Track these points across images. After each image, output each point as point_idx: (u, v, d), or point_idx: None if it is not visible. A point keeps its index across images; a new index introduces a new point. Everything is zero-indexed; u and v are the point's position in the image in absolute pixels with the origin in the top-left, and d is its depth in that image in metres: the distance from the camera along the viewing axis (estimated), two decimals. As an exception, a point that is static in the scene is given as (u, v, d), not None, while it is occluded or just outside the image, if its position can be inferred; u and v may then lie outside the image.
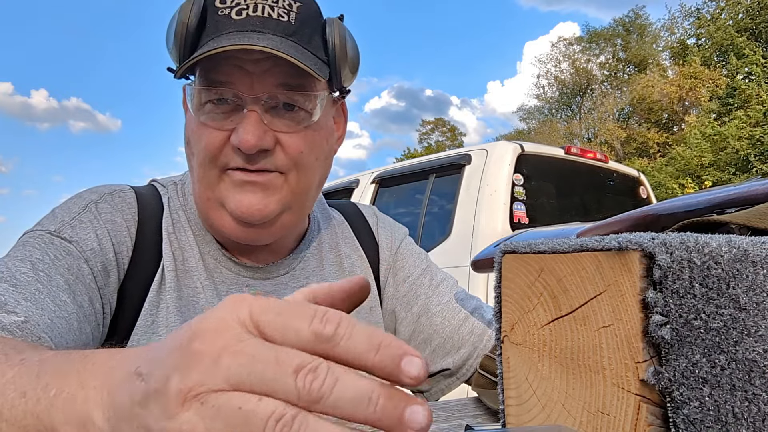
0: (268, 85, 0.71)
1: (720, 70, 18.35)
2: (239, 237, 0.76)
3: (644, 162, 18.61)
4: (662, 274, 0.33)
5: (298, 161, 0.74)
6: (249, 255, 0.81)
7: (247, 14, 0.71)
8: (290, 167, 0.74)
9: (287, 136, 0.73)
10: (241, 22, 0.70)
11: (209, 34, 0.71)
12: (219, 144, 0.72)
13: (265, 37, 0.69)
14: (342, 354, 0.27)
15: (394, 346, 0.27)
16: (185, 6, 0.71)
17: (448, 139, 34.67)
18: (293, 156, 0.74)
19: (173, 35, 0.71)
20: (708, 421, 0.33)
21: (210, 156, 0.72)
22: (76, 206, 0.74)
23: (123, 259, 0.73)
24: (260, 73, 0.71)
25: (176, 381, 0.27)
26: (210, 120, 0.72)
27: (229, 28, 0.70)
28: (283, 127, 0.73)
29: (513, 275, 0.45)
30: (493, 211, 3.27)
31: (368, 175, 4.40)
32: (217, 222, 0.75)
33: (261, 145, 0.70)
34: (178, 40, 0.71)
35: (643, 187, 4.33)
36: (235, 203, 0.72)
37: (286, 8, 0.72)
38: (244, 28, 0.70)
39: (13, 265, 0.64)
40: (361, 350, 0.27)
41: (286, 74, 0.71)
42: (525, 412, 0.44)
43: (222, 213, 0.74)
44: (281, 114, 0.73)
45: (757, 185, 0.49)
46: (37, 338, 0.57)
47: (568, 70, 26.67)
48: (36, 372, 0.38)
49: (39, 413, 0.35)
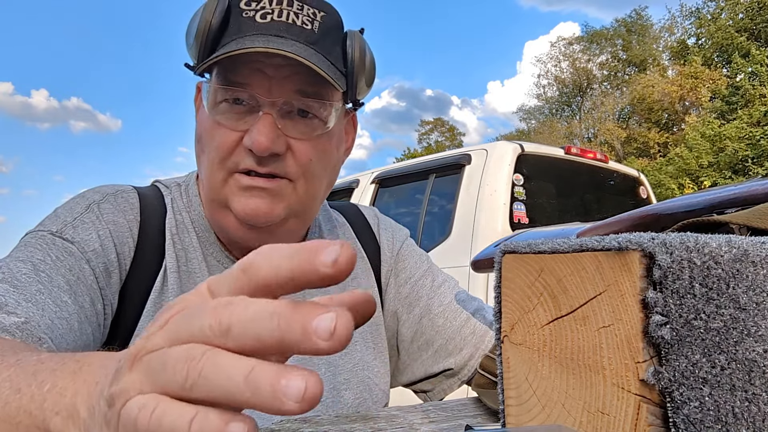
0: (286, 91, 0.72)
1: (720, 70, 18.34)
2: (243, 238, 0.76)
3: (644, 162, 18.61)
4: (662, 274, 0.33)
5: (306, 169, 0.75)
6: None
7: (272, 18, 0.71)
8: (299, 175, 0.74)
9: (299, 142, 0.73)
10: (265, 25, 0.71)
11: (232, 34, 0.72)
12: (231, 144, 0.72)
13: (288, 43, 0.70)
14: (259, 283, 0.27)
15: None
16: (210, 4, 0.71)
17: (447, 139, 34.70)
18: (303, 163, 0.74)
19: (195, 32, 0.72)
20: (708, 421, 0.33)
21: (221, 155, 0.72)
22: (79, 206, 0.74)
23: (125, 260, 0.73)
24: (279, 78, 0.71)
25: (131, 349, 0.27)
26: (224, 119, 0.72)
27: (253, 31, 0.71)
28: (296, 134, 0.73)
29: (513, 275, 0.45)
30: (493, 211, 3.26)
31: (368, 175, 4.39)
32: (223, 221, 0.76)
33: (273, 148, 0.70)
34: (200, 38, 0.71)
35: (643, 187, 4.33)
36: (241, 206, 0.73)
37: (311, 17, 0.73)
38: (268, 32, 0.71)
39: (14, 265, 0.64)
40: (281, 270, 0.26)
41: (305, 81, 0.72)
42: (525, 412, 0.44)
43: (226, 213, 0.75)
44: (295, 120, 0.73)
45: (757, 185, 0.49)
46: (38, 339, 0.57)
47: (568, 70, 26.66)
48: (32, 371, 0.38)
49: (32, 410, 0.35)
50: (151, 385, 0.25)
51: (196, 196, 0.82)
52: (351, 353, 0.84)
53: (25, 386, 0.37)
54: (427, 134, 35.27)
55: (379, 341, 0.89)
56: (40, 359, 0.40)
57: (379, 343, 0.89)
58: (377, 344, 0.89)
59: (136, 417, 0.25)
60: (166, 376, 0.25)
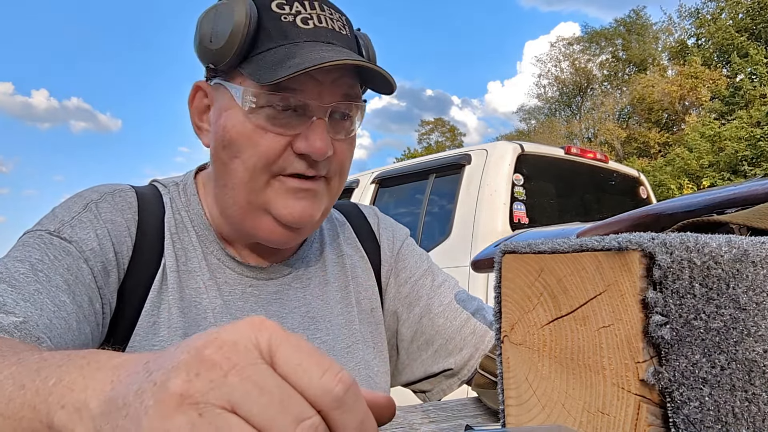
0: (336, 95, 0.73)
1: (720, 70, 18.36)
2: (278, 240, 0.77)
3: (644, 162, 18.62)
4: (662, 274, 0.33)
5: (342, 168, 0.78)
6: (253, 256, 0.81)
7: (314, 24, 0.72)
8: (336, 174, 0.77)
9: (340, 143, 0.76)
10: (311, 32, 0.72)
11: (275, 39, 0.71)
12: (280, 149, 0.72)
13: (339, 51, 0.71)
14: (336, 421, 0.27)
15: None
16: (238, 7, 0.69)
17: (447, 139, 34.70)
18: (341, 162, 0.77)
19: (227, 34, 0.70)
20: (708, 421, 0.33)
21: (267, 160, 0.72)
22: (76, 206, 0.74)
23: (123, 259, 0.73)
24: (328, 83, 0.72)
25: (180, 380, 0.26)
26: (271, 125, 0.71)
27: (302, 37, 0.71)
28: (339, 136, 0.75)
29: (513, 275, 0.45)
30: (493, 211, 3.26)
31: (368, 175, 4.39)
32: (258, 225, 0.75)
33: (329, 153, 0.72)
34: (235, 40, 0.69)
35: (643, 187, 4.33)
36: (288, 209, 0.73)
37: (342, 21, 0.76)
38: (318, 39, 0.72)
39: (12, 265, 0.64)
40: (351, 428, 0.27)
41: (348, 85, 0.74)
42: (525, 412, 0.44)
43: (264, 218, 0.75)
44: (336, 122, 0.75)
45: (757, 185, 0.49)
46: (36, 338, 0.57)
47: (569, 70, 26.69)
48: (36, 368, 0.38)
49: (36, 404, 0.35)
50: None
51: (195, 195, 0.82)
52: (352, 353, 0.84)
53: (29, 382, 0.36)
54: (427, 134, 35.30)
55: (379, 341, 0.89)
56: (43, 357, 0.40)
57: (379, 343, 0.89)
58: (377, 344, 0.89)
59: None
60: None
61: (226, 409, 0.26)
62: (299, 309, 0.82)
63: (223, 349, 0.27)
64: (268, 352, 0.28)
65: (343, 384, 0.27)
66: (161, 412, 0.26)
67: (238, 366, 0.26)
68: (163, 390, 0.26)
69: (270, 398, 0.26)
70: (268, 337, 0.28)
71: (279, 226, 0.75)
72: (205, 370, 0.26)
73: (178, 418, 0.26)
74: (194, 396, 0.26)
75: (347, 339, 0.84)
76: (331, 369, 0.28)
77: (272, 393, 0.26)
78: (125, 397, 0.28)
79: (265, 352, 0.28)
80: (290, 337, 0.29)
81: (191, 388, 0.26)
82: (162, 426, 0.26)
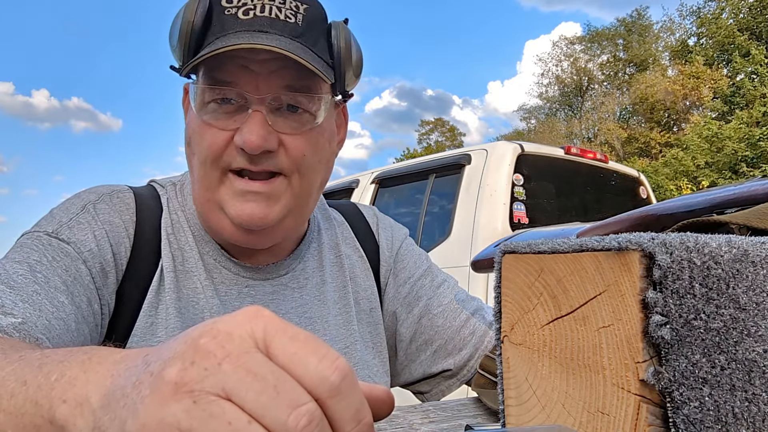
0: (274, 86, 0.71)
1: (721, 70, 18.36)
2: (239, 241, 0.76)
3: (645, 162, 18.61)
4: (662, 274, 0.33)
5: (300, 164, 0.74)
6: (249, 256, 0.81)
7: (255, 14, 0.70)
8: (293, 170, 0.74)
9: (291, 137, 0.73)
10: (248, 21, 0.70)
11: (215, 33, 0.71)
12: (222, 144, 0.71)
13: (272, 38, 0.69)
14: (332, 409, 0.27)
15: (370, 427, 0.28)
16: (191, 4, 0.71)
17: (447, 139, 34.71)
18: (296, 158, 0.73)
19: (177, 33, 0.71)
20: (708, 421, 0.33)
21: (212, 156, 0.72)
22: (74, 207, 0.74)
23: (121, 260, 0.73)
24: (266, 74, 0.70)
25: (175, 369, 0.27)
26: (213, 119, 0.71)
27: (236, 28, 0.70)
28: (286, 129, 0.72)
29: (513, 275, 0.45)
30: (493, 211, 3.26)
31: (368, 175, 4.39)
32: (217, 224, 0.75)
33: (265, 146, 0.70)
34: (183, 39, 0.70)
35: (642, 187, 4.33)
36: (236, 211, 0.72)
37: (294, 10, 0.72)
38: (252, 28, 0.70)
39: (11, 266, 0.64)
40: (347, 417, 0.27)
41: (292, 76, 0.71)
42: (525, 412, 0.44)
43: (221, 216, 0.74)
44: (285, 115, 0.73)
45: (757, 185, 0.49)
46: (35, 339, 0.57)
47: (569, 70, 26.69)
48: (38, 364, 0.38)
49: (39, 399, 0.35)
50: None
51: (191, 195, 0.81)
52: (350, 353, 0.84)
53: (31, 378, 0.37)
54: (427, 134, 35.31)
55: (378, 341, 0.89)
56: (44, 354, 0.40)
57: (378, 343, 0.89)
58: (376, 344, 0.88)
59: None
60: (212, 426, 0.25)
61: (220, 397, 0.26)
62: (296, 309, 0.82)
63: (218, 339, 0.27)
64: (263, 342, 0.28)
65: (339, 372, 0.27)
66: (157, 400, 0.26)
67: (233, 354, 0.27)
68: (158, 379, 0.27)
69: (264, 384, 0.26)
70: (264, 327, 0.28)
71: (234, 226, 0.74)
72: (200, 358, 0.27)
73: (173, 405, 0.26)
74: (189, 384, 0.26)
75: (345, 339, 0.84)
76: (328, 356, 0.28)
77: (266, 379, 0.26)
78: (124, 389, 0.29)
79: (260, 342, 0.28)
80: (286, 326, 0.29)
81: (186, 376, 0.26)
82: (157, 413, 0.26)
